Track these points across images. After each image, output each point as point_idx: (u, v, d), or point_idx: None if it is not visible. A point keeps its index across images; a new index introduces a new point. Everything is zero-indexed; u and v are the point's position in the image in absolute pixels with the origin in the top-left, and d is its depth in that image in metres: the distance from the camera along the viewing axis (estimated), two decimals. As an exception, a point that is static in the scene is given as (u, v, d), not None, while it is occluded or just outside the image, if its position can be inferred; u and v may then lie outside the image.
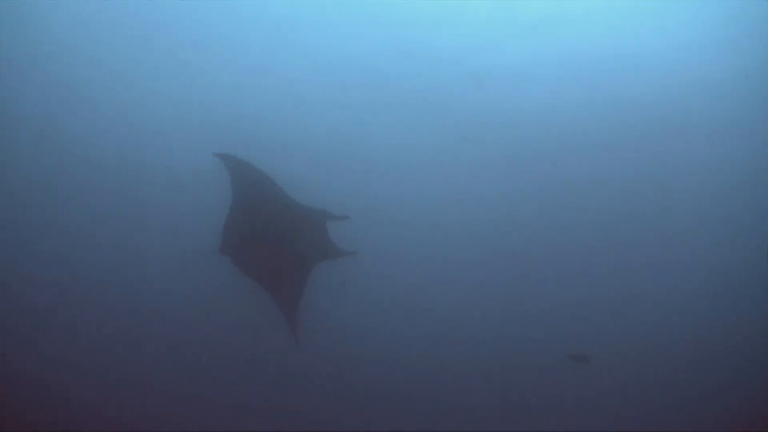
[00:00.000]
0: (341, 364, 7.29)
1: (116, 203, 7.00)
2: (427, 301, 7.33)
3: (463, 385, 7.34)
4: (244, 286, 5.44)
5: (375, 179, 7.17)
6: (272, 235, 5.26)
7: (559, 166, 7.21)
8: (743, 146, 7.02)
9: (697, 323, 7.30)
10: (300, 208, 5.17)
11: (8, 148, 6.80)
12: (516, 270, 7.28)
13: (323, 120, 7.05)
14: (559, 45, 6.88)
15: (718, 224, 7.19)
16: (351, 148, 7.14)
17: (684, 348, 7.30)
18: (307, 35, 6.85)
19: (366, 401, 7.29)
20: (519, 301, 7.31)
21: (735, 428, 7.01)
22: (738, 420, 7.08)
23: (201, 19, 6.69)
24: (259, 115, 6.81)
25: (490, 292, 7.30)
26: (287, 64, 6.90)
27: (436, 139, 7.18)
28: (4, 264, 6.84)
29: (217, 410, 7.08)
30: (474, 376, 7.35)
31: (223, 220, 5.23)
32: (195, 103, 6.90)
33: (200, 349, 7.10)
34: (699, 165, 7.15)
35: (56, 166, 6.96)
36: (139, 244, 7.00)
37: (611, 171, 7.19)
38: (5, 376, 6.74)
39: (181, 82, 6.88)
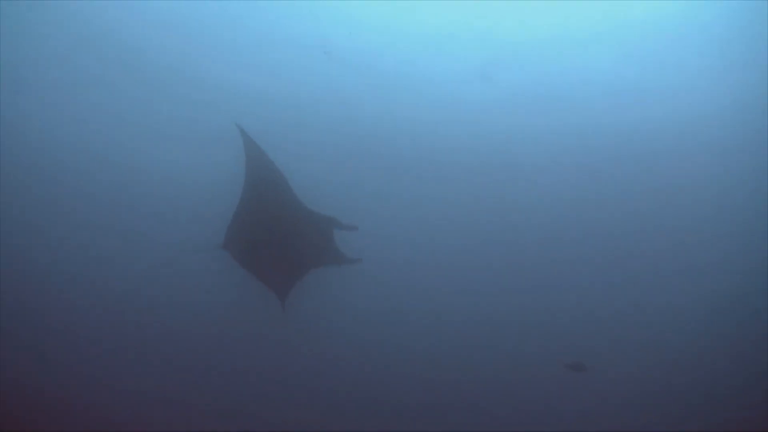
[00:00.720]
0: (338, 365, 7.29)
1: (119, 199, 7.02)
2: (426, 306, 7.32)
3: (460, 390, 7.34)
4: (243, 281, 5.45)
5: (377, 181, 7.21)
6: (277, 235, 5.27)
7: (561, 178, 7.29)
8: (742, 163, 7.12)
9: (696, 334, 7.34)
10: (308, 212, 5.18)
11: (7, 151, 6.82)
12: (516, 278, 7.30)
13: (328, 119, 7.09)
14: (564, 67, 7.01)
15: (717, 236, 7.27)
16: (353, 148, 7.17)
17: (683, 357, 7.33)
18: (313, 34, 6.88)
19: (363, 402, 7.28)
20: (519, 308, 7.31)
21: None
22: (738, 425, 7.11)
23: (201, 18, 6.71)
24: (265, 114, 6.82)
25: (488, 298, 7.31)
26: (296, 61, 6.92)
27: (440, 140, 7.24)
28: (4, 266, 6.84)
29: (213, 409, 7.07)
30: (471, 381, 7.35)
31: (222, 219, 5.25)
32: (198, 101, 6.94)
33: (199, 347, 7.08)
34: (698, 179, 7.25)
35: (58, 166, 6.97)
36: (138, 238, 6.99)
37: (613, 183, 7.27)
38: (6, 379, 6.73)
39: (183, 81, 6.91)
